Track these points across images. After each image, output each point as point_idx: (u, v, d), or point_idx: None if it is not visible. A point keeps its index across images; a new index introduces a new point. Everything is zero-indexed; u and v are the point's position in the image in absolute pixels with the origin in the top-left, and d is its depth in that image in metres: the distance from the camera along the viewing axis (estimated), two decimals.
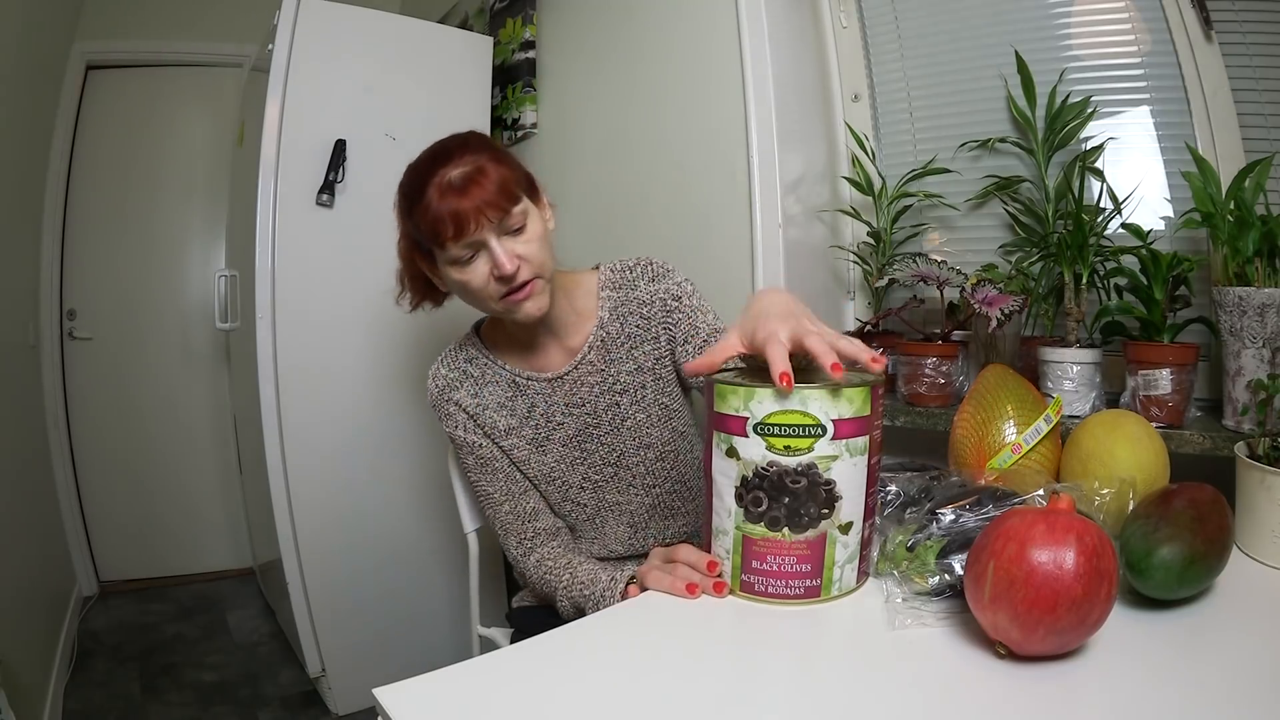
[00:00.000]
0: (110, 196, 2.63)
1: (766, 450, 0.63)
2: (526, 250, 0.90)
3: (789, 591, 0.64)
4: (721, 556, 0.68)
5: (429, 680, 0.53)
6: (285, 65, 1.66)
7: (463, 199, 0.85)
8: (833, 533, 0.64)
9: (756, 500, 0.64)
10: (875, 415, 0.65)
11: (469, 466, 1.04)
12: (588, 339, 1.00)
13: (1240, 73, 1.02)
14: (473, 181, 0.86)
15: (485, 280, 0.89)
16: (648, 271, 1.02)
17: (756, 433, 0.63)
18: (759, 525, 0.64)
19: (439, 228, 0.86)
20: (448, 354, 1.05)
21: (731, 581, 0.67)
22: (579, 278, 1.04)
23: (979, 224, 1.27)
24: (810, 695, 0.51)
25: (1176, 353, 0.92)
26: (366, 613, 1.84)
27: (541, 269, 0.91)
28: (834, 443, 0.62)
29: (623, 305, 1.01)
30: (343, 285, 1.76)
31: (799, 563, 0.64)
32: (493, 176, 0.87)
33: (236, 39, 2.63)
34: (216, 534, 2.80)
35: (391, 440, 1.84)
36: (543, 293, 0.92)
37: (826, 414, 0.61)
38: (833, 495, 0.63)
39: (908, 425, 1.13)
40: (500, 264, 0.87)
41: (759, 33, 1.29)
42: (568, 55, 1.82)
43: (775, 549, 0.64)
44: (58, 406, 2.54)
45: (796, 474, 0.62)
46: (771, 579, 0.65)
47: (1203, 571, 0.59)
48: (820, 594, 0.65)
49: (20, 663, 1.54)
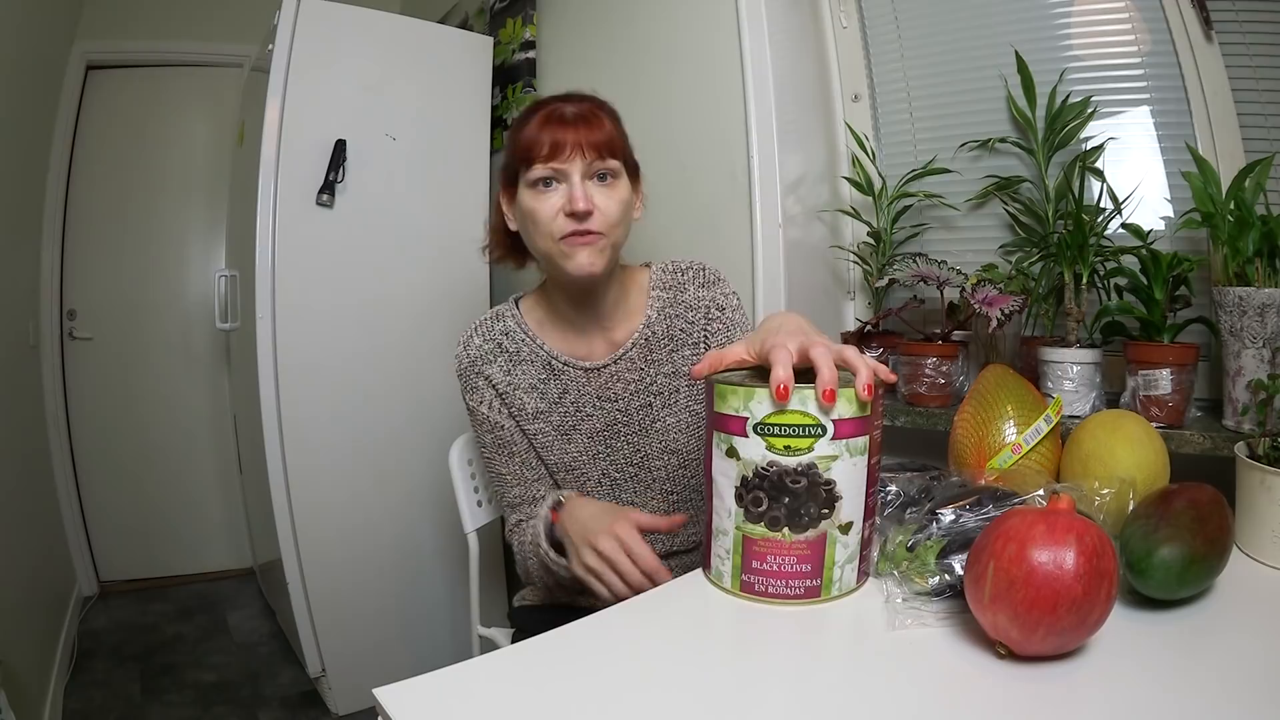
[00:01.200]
0: (110, 196, 2.63)
1: (766, 450, 0.62)
2: (606, 204, 0.90)
3: (789, 591, 0.64)
4: (721, 557, 0.68)
5: (429, 680, 0.53)
6: (285, 65, 1.66)
7: (567, 129, 0.88)
8: (833, 533, 0.64)
9: (756, 500, 0.64)
10: (875, 416, 0.65)
11: (485, 444, 1.02)
12: (632, 335, 0.99)
13: (1240, 73, 1.02)
14: (582, 119, 0.89)
15: (555, 213, 0.88)
16: (699, 277, 1.01)
17: (756, 433, 0.63)
18: (759, 525, 0.64)
19: (533, 146, 0.87)
20: (482, 324, 1.02)
21: (731, 582, 0.67)
22: (631, 271, 1.04)
23: (979, 224, 1.27)
24: (810, 696, 0.51)
25: (1176, 353, 0.92)
26: (367, 613, 1.84)
27: (612, 230, 0.90)
28: (834, 443, 0.62)
29: (670, 306, 1.00)
30: (343, 285, 1.76)
31: (799, 563, 0.64)
32: (604, 125, 0.90)
33: (236, 39, 2.63)
34: (216, 534, 2.80)
35: (392, 440, 1.84)
36: (603, 252, 0.90)
37: (826, 414, 0.61)
38: (833, 495, 0.63)
39: (908, 425, 1.13)
40: (575, 198, 0.87)
41: (759, 33, 1.29)
42: (568, 55, 1.83)
43: (775, 549, 0.64)
44: (58, 406, 2.54)
45: (796, 474, 0.62)
46: (771, 579, 0.65)
47: (1203, 572, 0.59)
48: (820, 594, 0.65)
49: (20, 663, 1.54)
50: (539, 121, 0.89)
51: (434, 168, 1.88)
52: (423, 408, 1.85)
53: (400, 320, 1.85)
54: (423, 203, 1.86)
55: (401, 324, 1.85)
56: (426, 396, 1.85)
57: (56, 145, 2.50)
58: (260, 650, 2.19)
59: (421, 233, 1.86)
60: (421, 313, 1.86)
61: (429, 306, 1.87)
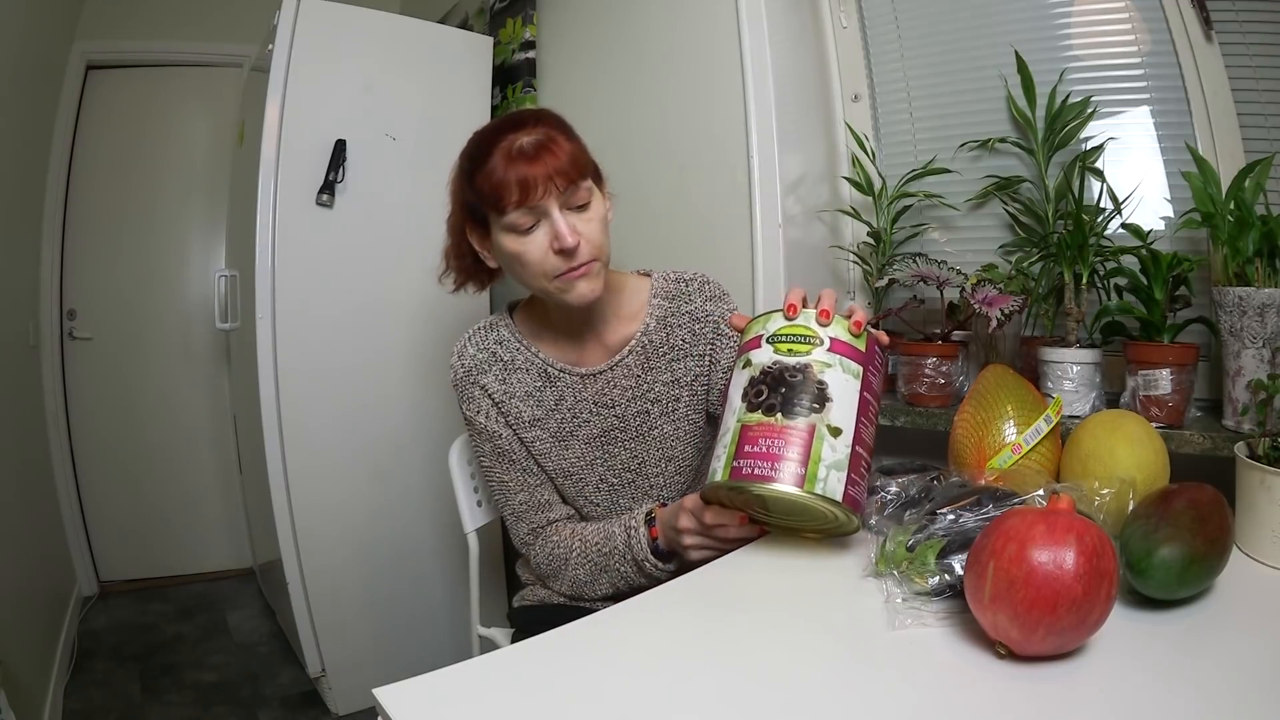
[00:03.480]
0: (110, 196, 2.63)
1: (774, 354, 0.73)
2: (588, 229, 0.88)
3: (775, 474, 0.68)
4: (719, 455, 0.73)
5: (429, 680, 0.53)
6: (285, 65, 1.66)
7: (532, 165, 0.84)
8: (821, 428, 0.69)
9: (759, 393, 0.72)
10: (871, 356, 0.74)
11: (484, 453, 1.02)
12: (629, 342, 0.99)
13: (1240, 73, 1.02)
14: (544, 149, 0.85)
15: (544, 253, 0.87)
16: (705, 289, 1.01)
17: (768, 343, 0.74)
18: (756, 413, 0.71)
19: (502, 191, 0.84)
20: (475, 333, 1.02)
21: (723, 474, 0.71)
22: (625, 278, 1.03)
23: (979, 224, 1.27)
24: (810, 695, 0.51)
25: (1176, 353, 0.92)
26: (366, 613, 1.84)
27: (600, 251, 0.90)
28: (829, 354, 0.72)
29: (672, 316, 1.00)
30: (343, 285, 1.76)
31: (787, 446, 0.68)
32: (565, 147, 0.87)
33: (236, 39, 2.63)
34: (216, 534, 2.80)
35: (391, 440, 1.84)
36: (598, 275, 0.90)
37: (825, 332, 0.73)
38: (824, 394, 0.70)
39: (908, 425, 1.13)
40: (562, 235, 0.85)
41: (759, 33, 1.29)
42: (568, 55, 1.82)
43: (768, 432, 0.69)
44: (58, 406, 2.54)
45: (794, 370, 0.71)
46: (760, 461, 0.69)
47: (1203, 572, 0.59)
48: (804, 485, 0.67)
49: (20, 663, 1.54)
50: (501, 161, 0.85)
51: (434, 168, 1.85)
52: (423, 408, 1.85)
53: (400, 320, 1.85)
54: (423, 203, 1.85)
55: (401, 324, 1.85)
56: (426, 396, 1.85)
57: (56, 145, 2.50)
58: (260, 650, 2.19)
59: (421, 233, 1.86)
60: (421, 313, 1.86)
61: (429, 306, 1.86)
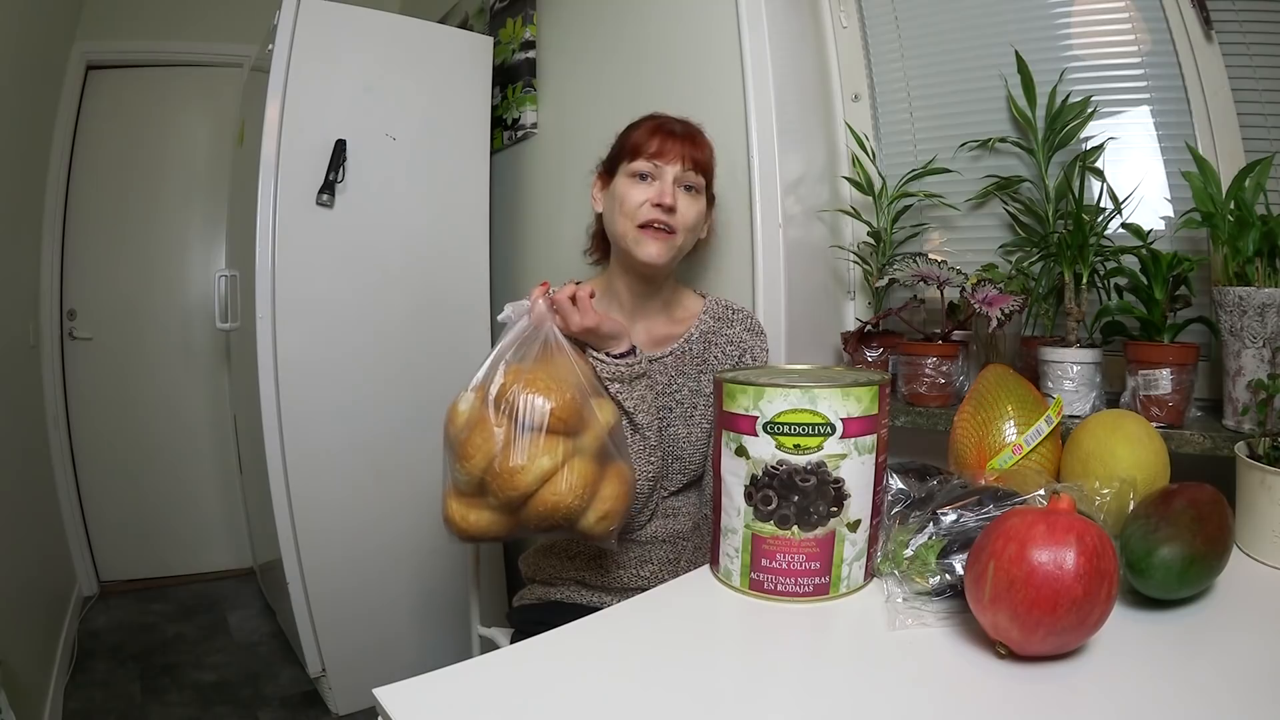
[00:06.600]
0: (110, 196, 2.63)
1: (776, 449, 0.63)
2: (687, 209, 1.03)
3: (798, 589, 0.65)
4: (730, 555, 0.68)
5: (429, 680, 0.53)
6: (285, 65, 1.66)
7: (673, 139, 1.02)
8: (841, 530, 0.64)
9: (766, 499, 0.65)
10: (882, 414, 0.66)
11: None
12: (672, 344, 1.09)
13: (1240, 73, 1.02)
14: (689, 135, 1.05)
15: (643, 201, 1.01)
16: (746, 321, 1.12)
17: (766, 431, 0.64)
18: (768, 524, 0.65)
19: (642, 142, 1.02)
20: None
21: (740, 580, 0.67)
22: (686, 292, 1.16)
23: (979, 224, 1.27)
24: (811, 695, 0.51)
25: (1177, 353, 0.92)
26: (367, 613, 1.84)
27: (684, 232, 1.03)
28: (843, 441, 0.63)
29: (714, 334, 1.10)
30: (343, 285, 1.76)
31: (808, 560, 0.64)
32: (703, 144, 1.06)
33: (236, 39, 2.63)
34: (216, 534, 2.80)
35: (392, 440, 1.84)
36: (671, 249, 1.02)
37: (835, 413, 0.62)
38: (841, 493, 0.63)
39: (908, 425, 1.13)
40: (664, 193, 1.00)
41: (759, 33, 1.29)
42: (568, 55, 1.82)
43: (784, 547, 0.65)
44: (58, 406, 2.53)
45: (806, 472, 0.63)
46: (780, 577, 0.65)
47: (1203, 571, 0.59)
48: (829, 591, 0.65)
49: (20, 663, 1.54)
50: (650, 128, 1.03)
51: (434, 168, 1.87)
52: (423, 407, 1.84)
53: (400, 320, 1.84)
54: (423, 203, 1.86)
55: (401, 324, 1.85)
56: (426, 396, 1.84)
57: (56, 145, 2.49)
58: (260, 650, 2.19)
59: (421, 232, 1.86)
60: (421, 312, 1.86)
61: (429, 306, 1.86)
